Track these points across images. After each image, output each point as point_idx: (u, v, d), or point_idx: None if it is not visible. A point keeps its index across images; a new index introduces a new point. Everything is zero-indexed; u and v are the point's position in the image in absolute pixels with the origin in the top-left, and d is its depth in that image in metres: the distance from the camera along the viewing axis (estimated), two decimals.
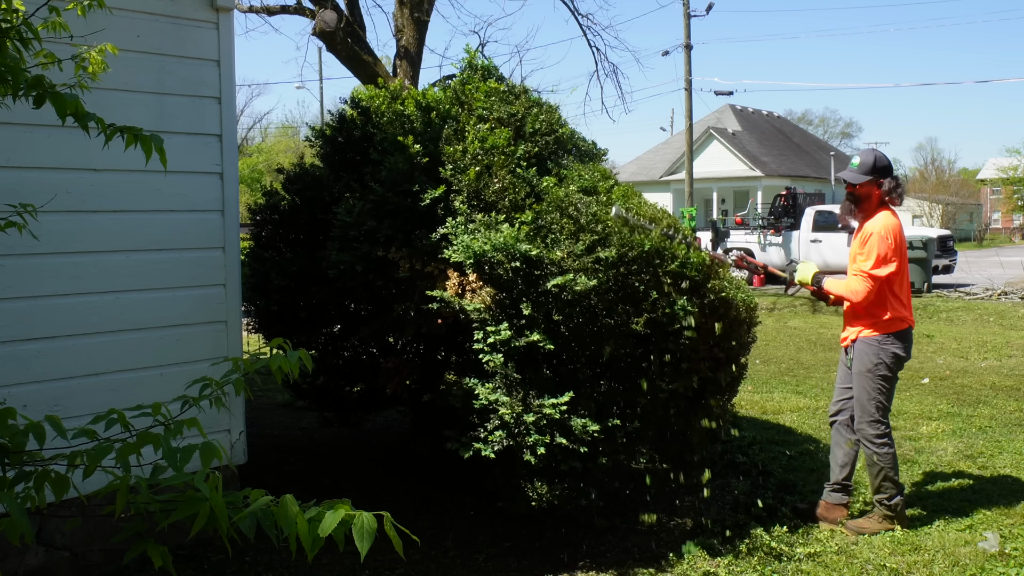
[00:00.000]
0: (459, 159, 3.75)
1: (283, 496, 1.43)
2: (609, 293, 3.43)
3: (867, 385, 3.96)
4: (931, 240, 15.90)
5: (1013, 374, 7.92)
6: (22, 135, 3.24)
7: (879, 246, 3.87)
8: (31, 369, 3.30)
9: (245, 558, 3.64)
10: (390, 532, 1.41)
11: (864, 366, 3.97)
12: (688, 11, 24.66)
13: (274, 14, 11.18)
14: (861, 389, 3.98)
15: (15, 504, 1.46)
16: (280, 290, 4.29)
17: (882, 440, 3.96)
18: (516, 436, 3.35)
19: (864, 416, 3.99)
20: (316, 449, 5.40)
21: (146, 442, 1.65)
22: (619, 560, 3.67)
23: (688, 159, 26.27)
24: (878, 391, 3.95)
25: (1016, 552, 3.70)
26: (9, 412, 1.72)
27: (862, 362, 3.98)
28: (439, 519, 4.10)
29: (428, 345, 4.40)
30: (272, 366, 1.93)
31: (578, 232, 3.48)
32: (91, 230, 3.45)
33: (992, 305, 13.61)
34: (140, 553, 1.54)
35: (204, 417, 2.04)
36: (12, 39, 2.00)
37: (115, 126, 2.02)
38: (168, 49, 3.62)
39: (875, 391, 3.95)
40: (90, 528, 3.46)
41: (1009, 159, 45.58)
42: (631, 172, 36.54)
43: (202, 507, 1.41)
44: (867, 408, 3.97)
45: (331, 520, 1.37)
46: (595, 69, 16.14)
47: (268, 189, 4.76)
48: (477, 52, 4.64)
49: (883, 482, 3.97)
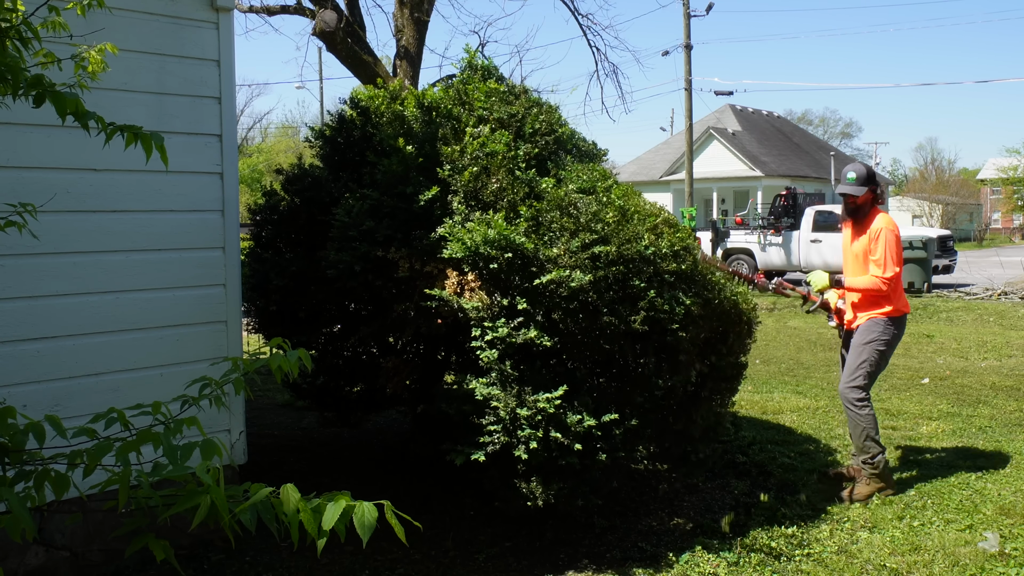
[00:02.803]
0: (457, 159, 3.75)
1: (284, 486, 1.43)
2: (608, 291, 3.44)
3: (864, 354, 4.49)
4: (931, 240, 15.91)
5: (1013, 374, 7.92)
6: (22, 135, 3.24)
7: (894, 246, 4.44)
8: (31, 369, 3.30)
9: (245, 557, 3.64)
10: (391, 520, 1.40)
11: (865, 338, 4.51)
12: (688, 11, 24.67)
13: (274, 14, 11.18)
14: (856, 356, 4.51)
15: (16, 499, 1.46)
16: (280, 290, 4.29)
17: (863, 403, 4.49)
18: (510, 432, 3.36)
19: (850, 381, 4.51)
20: (316, 449, 5.40)
21: (146, 440, 1.65)
22: (619, 560, 3.67)
23: (688, 159, 26.27)
24: (870, 363, 4.48)
25: (1016, 552, 3.70)
26: (9, 412, 1.72)
27: (864, 335, 4.52)
28: (439, 519, 4.09)
29: (428, 345, 4.40)
30: (272, 366, 1.93)
31: (578, 231, 3.48)
32: (91, 230, 3.45)
33: (992, 305, 13.60)
34: (140, 550, 1.54)
35: (204, 417, 2.05)
36: (12, 38, 2.00)
37: (115, 125, 2.02)
38: (168, 49, 3.62)
39: (868, 362, 4.48)
40: (90, 528, 3.46)
41: (1009, 159, 45.63)
42: (631, 172, 36.53)
43: (203, 499, 1.41)
44: (856, 374, 4.50)
45: (332, 512, 1.37)
46: (595, 69, 16.14)
47: (268, 189, 4.76)
48: (477, 52, 4.64)
49: (866, 441, 4.44)
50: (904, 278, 15.39)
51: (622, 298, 3.47)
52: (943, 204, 46.19)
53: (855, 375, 4.50)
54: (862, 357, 4.50)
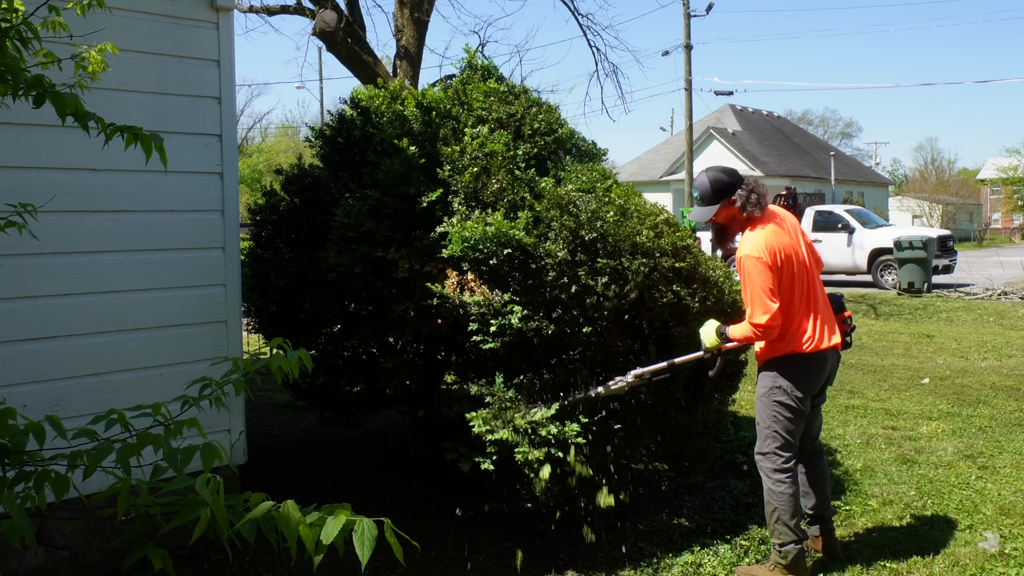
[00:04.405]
0: (457, 159, 3.75)
1: (284, 502, 1.43)
2: (606, 290, 3.44)
3: (764, 410, 3.50)
4: (931, 240, 15.91)
5: (1013, 374, 7.92)
6: (22, 135, 3.24)
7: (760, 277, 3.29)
8: (31, 369, 3.30)
9: (245, 558, 3.64)
10: (390, 539, 1.40)
11: (760, 392, 3.52)
12: (688, 11, 24.67)
13: (274, 14, 11.18)
14: (759, 416, 3.54)
15: (15, 506, 1.46)
16: (280, 290, 4.28)
17: (777, 474, 3.44)
18: (507, 427, 3.37)
19: (758, 446, 3.54)
20: (316, 449, 5.40)
21: (146, 443, 1.65)
22: (619, 560, 3.67)
23: (688, 159, 26.26)
24: (774, 419, 3.45)
25: (1016, 552, 3.70)
26: (9, 412, 1.72)
27: (760, 388, 3.53)
28: (439, 519, 4.09)
29: (428, 345, 4.40)
30: (272, 366, 1.93)
31: (577, 229, 3.48)
32: (91, 230, 3.44)
33: (992, 305, 13.61)
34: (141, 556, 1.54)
35: (204, 417, 2.04)
36: (12, 39, 2.00)
37: (115, 125, 2.02)
38: (168, 49, 3.62)
39: (772, 418, 3.46)
40: (90, 528, 3.45)
41: (1009, 159, 45.66)
42: (631, 172, 36.53)
43: (203, 512, 1.40)
44: (762, 439, 3.51)
45: (332, 527, 1.36)
46: (595, 69, 16.11)
47: (268, 189, 4.76)
48: (477, 52, 4.64)
49: (775, 524, 3.45)
50: (904, 278, 15.65)
51: (620, 296, 3.47)
52: (943, 204, 46.21)
53: (762, 440, 3.51)
54: (762, 415, 3.50)
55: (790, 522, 3.41)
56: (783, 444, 3.44)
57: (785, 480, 3.42)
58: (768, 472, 3.46)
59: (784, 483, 3.42)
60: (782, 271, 3.33)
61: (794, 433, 3.46)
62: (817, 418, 3.72)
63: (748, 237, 3.40)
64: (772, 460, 3.45)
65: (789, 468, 3.44)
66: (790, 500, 3.41)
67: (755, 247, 3.33)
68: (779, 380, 3.43)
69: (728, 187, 3.44)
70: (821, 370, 3.47)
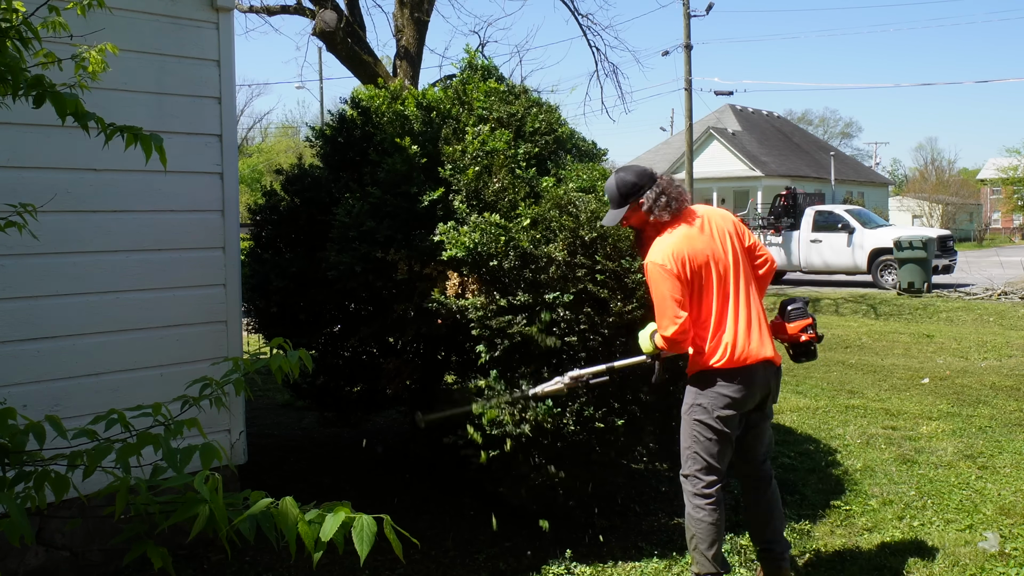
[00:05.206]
0: (458, 159, 3.75)
1: (283, 499, 1.43)
2: (605, 288, 3.44)
3: (684, 429, 3.23)
4: (931, 240, 15.92)
5: (1013, 374, 7.92)
6: (22, 135, 3.24)
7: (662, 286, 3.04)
8: (31, 369, 3.30)
9: (245, 558, 3.64)
10: (390, 535, 1.40)
11: (683, 408, 3.25)
12: (688, 11, 24.65)
13: (274, 14, 11.19)
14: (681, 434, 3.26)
15: (15, 505, 1.46)
16: (280, 291, 4.28)
17: (696, 499, 3.16)
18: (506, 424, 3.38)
19: (681, 468, 3.26)
20: (316, 449, 5.40)
21: (146, 443, 1.65)
22: (619, 560, 3.67)
23: (688, 159, 26.25)
24: (694, 439, 3.17)
25: (1016, 552, 3.70)
26: (9, 412, 1.72)
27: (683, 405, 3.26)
28: (439, 519, 4.09)
29: (428, 345, 4.40)
30: (272, 366, 1.93)
31: (577, 229, 3.48)
32: (91, 230, 3.44)
33: (992, 305, 13.61)
34: (140, 554, 1.54)
35: (204, 417, 2.05)
36: (12, 39, 2.00)
37: (115, 126, 2.02)
38: (168, 49, 3.62)
39: (692, 438, 3.19)
40: (90, 528, 3.45)
41: (1009, 159, 45.64)
42: None
43: (201, 509, 1.40)
44: (684, 460, 3.24)
45: (331, 524, 1.36)
46: (595, 69, 16.14)
47: (268, 189, 4.76)
48: (477, 52, 4.64)
49: (693, 552, 3.20)
50: (904, 278, 15.66)
51: (620, 294, 3.47)
52: (943, 204, 46.20)
53: (683, 460, 3.23)
54: (683, 434, 3.23)
55: (707, 552, 3.13)
56: (704, 467, 3.14)
57: (705, 507, 3.13)
58: (689, 496, 3.19)
59: (703, 509, 3.13)
60: (692, 280, 3.08)
61: (718, 456, 3.15)
62: (762, 440, 3.36)
63: (656, 243, 3.15)
64: (692, 483, 3.18)
65: (711, 494, 3.14)
66: (710, 528, 3.12)
67: (661, 254, 3.08)
68: (699, 397, 3.15)
69: (635, 188, 3.18)
70: (748, 386, 3.13)
